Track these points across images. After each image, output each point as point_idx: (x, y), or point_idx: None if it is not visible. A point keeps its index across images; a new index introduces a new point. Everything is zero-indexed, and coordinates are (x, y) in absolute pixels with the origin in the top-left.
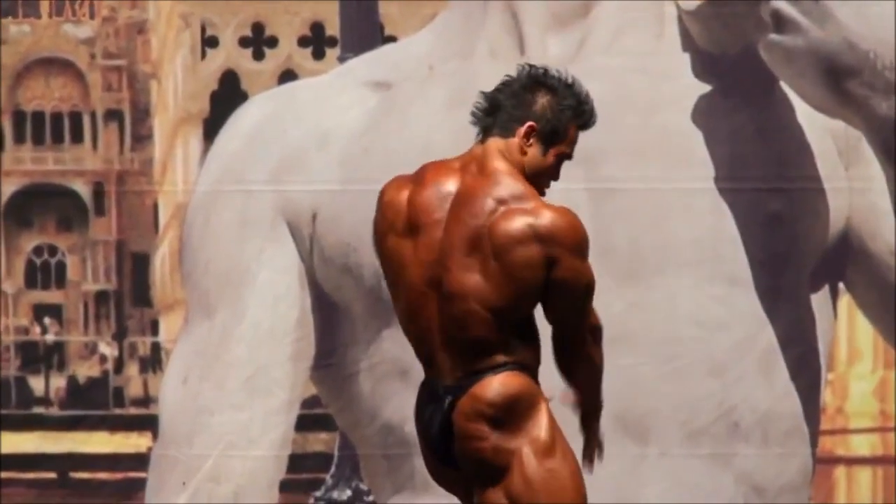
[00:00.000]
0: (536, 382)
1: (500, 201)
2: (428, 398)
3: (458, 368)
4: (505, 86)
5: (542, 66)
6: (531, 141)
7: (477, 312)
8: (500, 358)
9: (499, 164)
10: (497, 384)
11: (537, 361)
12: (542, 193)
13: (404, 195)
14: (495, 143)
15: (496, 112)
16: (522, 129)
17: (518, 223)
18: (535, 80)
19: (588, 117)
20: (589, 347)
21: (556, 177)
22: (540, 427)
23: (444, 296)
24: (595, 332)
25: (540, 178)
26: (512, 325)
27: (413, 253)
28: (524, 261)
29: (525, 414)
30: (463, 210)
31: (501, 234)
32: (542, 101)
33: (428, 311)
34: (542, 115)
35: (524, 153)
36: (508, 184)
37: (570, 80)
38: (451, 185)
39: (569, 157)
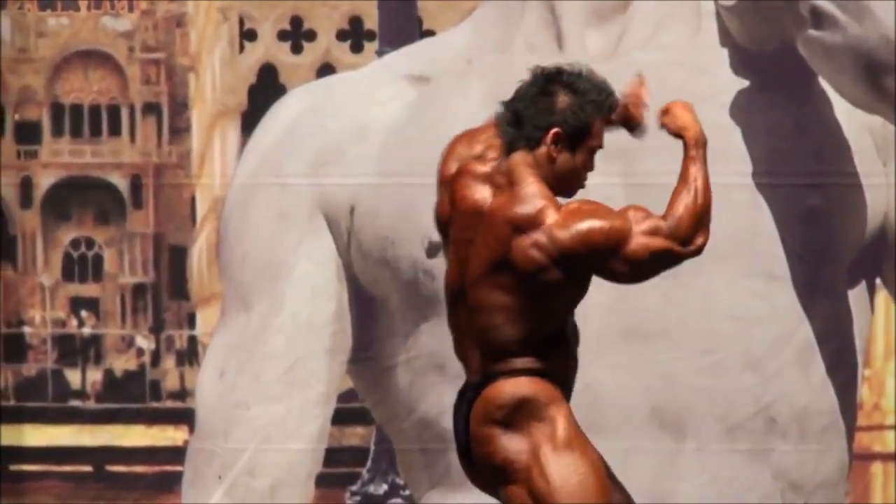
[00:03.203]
0: (556, 386)
1: (518, 228)
2: (458, 400)
3: (481, 368)
4: (522, 93)
5: (555, 66)
6: (560, 147)
7: (501, 325)
8: (519, 362)
9: (525, 182)
10: (508, 387)
11: (561, 366)
12: (580, 188)
13: (451, 181)
14: (523, 157)
15: (519, 123)
16: (548, 137)
17: (533, 253)
18: (550, 82)
19: (610, 102)
20: (693, 247)
21: (591, 169)
22: (555, 425)
23: (470, 306)
24: (689, 236)
25: (575, 178)
26: (538, 334)
27: (452, 251)
28: (554, 284)
29: (537, 415)
30: (488, 232)
31: (520, 265)
32: (561, 102)
33: (459, 311)
34: (564, 117)
35: (553, 160)
36: (528, 204)
37: (584, 72)
38: (482, 198)
39: (600, 147)
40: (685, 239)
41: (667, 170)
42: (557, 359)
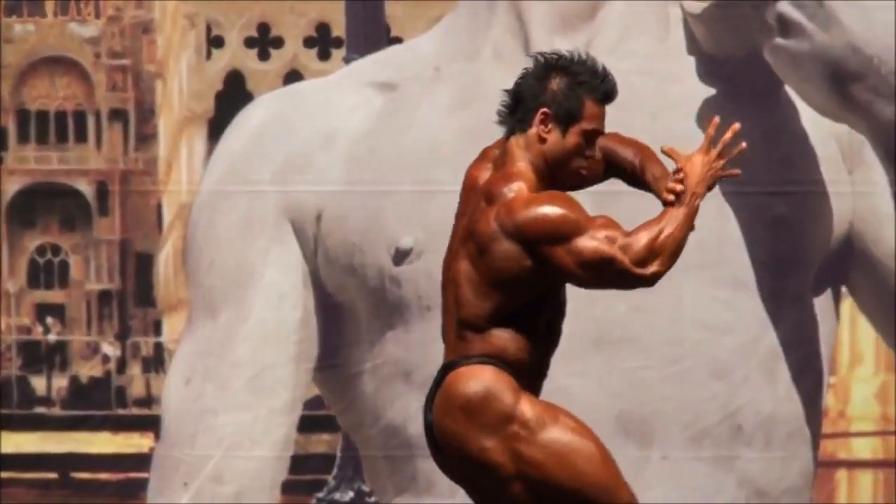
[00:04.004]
0: (515, 376)
1: (488, 199)
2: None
3: (453, 349)
4: (522, 79)
5: (555, 51)
6: (549, 127)
7: (468, 297)
8: (480, 346)
9: (513, 162)
10: (464, 382)
11: (524, 356)
12: (578, 176)
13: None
14: (515, 139)
15: (516, 109)
16: (536, 118)
17: (491, 222)
18: (547, 67)
19: (605, 87)
20: (655, 271)
21: (587, 154)
22: (521, 411)
23: (449, 280)
24: (647, 257)
25: (567, 161)
26: (500, 315)
27: (452, 229)
28: (503, 255)
29: (499, 409)
30: (469, 204)
31: (479, 233)
32: (553, 84)
33: (446, 288)
34: (554, 97)
35: (543, 141)
36: (506, 181)
37: (582, 57)
38: (482, 176)
39: (597, 133)
40: (638, 259)
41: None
42: (524, 352)
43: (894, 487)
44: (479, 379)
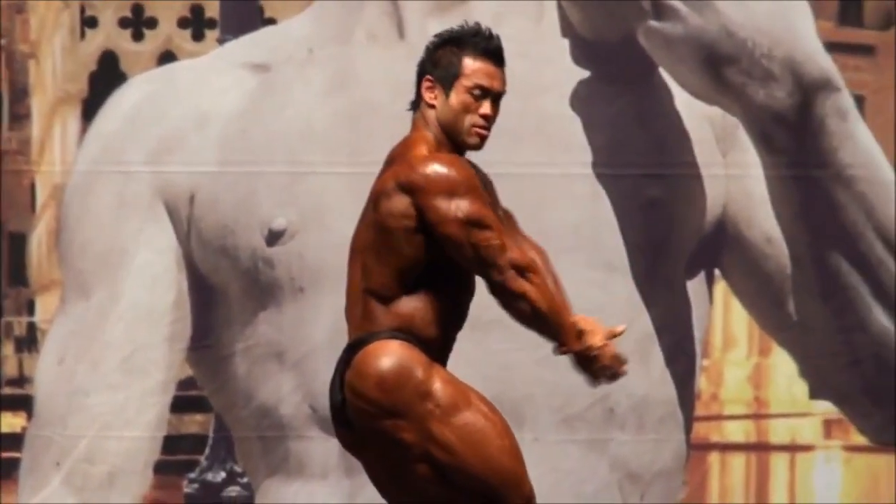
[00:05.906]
0: (423, 350)
1: (388, 162)
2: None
3: (359, 326)
4: (418, 64)
5: (446, 29)
6: (434, 93)
7: (372, 265)
8: (387, 320)
9: (417, 130)
10: (375, 359)
11: (431, 330)
12: (477, 136)
13: None
14: (415, 116)
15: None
16: (423, 88)
17: (387, 177)
18: (434, 45)
19: (484, 43)
20: (515, 283)
21: (476, 109)
22: (434, 391)
23: (356, 250)
24: (524, 266)
25: (458, 121)
26: (404, 283)
27: None
28: (388, 210)
29: (412, 387)
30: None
31: (375, 189)
32: (438, 55)
33: (351, 264)
34: (435, 65)
35: (433, 107)
36: (406, 146)
37: (465, 24)
38: None
39: (480, 87)
40: (511, 259)
41: (507, 160)
42: (430, 326)
43: (766, 470)
44: (391, 354)
